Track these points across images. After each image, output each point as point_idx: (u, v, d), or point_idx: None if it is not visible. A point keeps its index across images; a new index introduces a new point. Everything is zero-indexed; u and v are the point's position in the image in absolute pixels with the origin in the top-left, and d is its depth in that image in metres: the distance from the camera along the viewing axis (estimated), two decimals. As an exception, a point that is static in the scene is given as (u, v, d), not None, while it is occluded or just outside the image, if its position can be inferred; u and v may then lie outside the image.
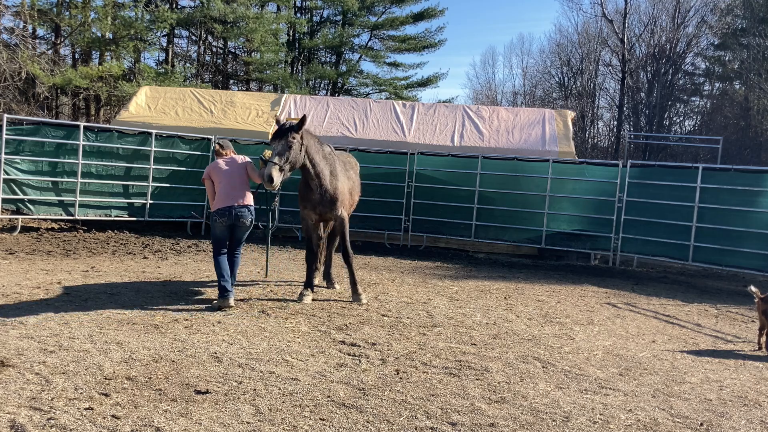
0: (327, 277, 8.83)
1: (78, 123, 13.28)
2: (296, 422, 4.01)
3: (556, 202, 13.53)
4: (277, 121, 7.31)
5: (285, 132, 7.06)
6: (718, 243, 12.03)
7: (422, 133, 14.95)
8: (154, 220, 13.45)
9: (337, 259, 8.50)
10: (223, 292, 6.97)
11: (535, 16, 69.33)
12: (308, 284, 7.82)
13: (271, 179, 6.83)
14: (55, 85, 22.72)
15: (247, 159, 7.63)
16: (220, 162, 7.42)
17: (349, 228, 8.10)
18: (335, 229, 8.36)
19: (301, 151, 7.25)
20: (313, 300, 7.68)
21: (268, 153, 7.68)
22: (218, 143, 7.75)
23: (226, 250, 7.28)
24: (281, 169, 6.94)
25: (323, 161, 7.66)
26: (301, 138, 7.19)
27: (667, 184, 12.63)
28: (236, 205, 7.13)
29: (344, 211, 7.97)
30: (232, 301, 6.98)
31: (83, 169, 12.48)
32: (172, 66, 27.07)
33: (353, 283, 7.97)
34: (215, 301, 7.04)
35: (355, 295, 7.89)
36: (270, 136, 7.54)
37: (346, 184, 8.07)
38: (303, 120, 7.21)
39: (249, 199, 7.27)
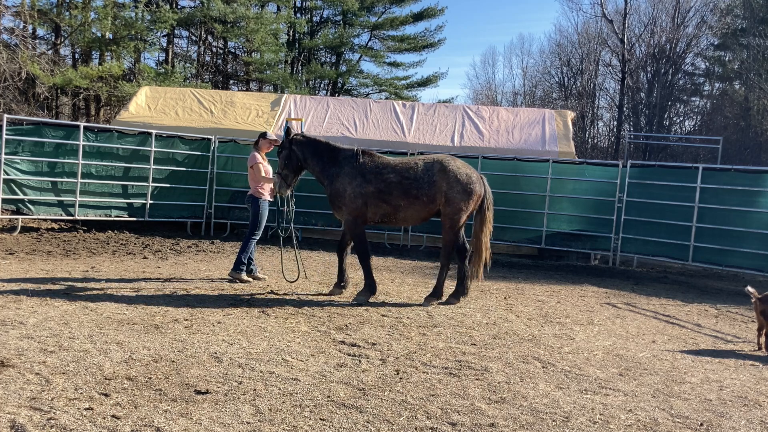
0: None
1: (78, 123, 13.27)
2: (296, 422, 4.01)
3: (556, 202, 13.52)
4: None
5: None
6: (718, 243, 12.03)
7: (422, 133, 14.94)
8: (154, 220, 13.46)
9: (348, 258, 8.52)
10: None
11: (535, 16, 69.42)
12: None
13: None
14: (55, 85, 22.70)
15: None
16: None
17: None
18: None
19: None
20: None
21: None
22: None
23: None
24: None
25: None
26: None
27: (667, 184, 12.63)
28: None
29: None
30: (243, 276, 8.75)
31: (83, 170, 12.47)
32: (172, 66, 27.04)
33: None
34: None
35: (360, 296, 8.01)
36: None
37: None
38: None
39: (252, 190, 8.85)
